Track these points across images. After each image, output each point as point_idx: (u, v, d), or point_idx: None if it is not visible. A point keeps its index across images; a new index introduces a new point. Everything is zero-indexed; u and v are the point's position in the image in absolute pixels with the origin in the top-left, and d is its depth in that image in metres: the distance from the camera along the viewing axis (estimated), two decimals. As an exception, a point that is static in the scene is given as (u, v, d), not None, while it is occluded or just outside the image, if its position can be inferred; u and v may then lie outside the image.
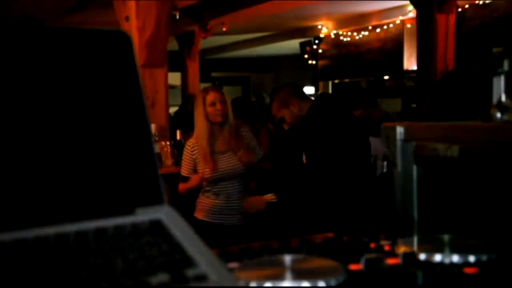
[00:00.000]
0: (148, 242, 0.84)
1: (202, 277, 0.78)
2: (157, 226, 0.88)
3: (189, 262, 0.81)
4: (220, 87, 4.42)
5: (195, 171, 4.17)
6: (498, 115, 1.19)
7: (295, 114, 3.78)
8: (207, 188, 4.21)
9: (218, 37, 13.69)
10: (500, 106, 1.19)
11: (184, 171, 4.24)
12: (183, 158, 4.31)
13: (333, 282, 0.85)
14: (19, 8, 10.29)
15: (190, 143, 4.24)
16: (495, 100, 1.20)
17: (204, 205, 4.23)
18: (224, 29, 12.16)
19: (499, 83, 1.19)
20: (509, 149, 1.13)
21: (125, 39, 1.00)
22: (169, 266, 0.79)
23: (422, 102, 7.15)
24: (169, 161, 5.89)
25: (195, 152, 4.16)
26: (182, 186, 4.23)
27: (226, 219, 4.19)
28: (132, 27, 6.07)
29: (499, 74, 1.19)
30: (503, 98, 1.19)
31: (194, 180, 4.13)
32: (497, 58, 1.19)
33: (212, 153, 4.12)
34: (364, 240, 1.12)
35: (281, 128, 4.14)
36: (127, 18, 6.28)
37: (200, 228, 4.10)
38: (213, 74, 18.01)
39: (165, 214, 0.91)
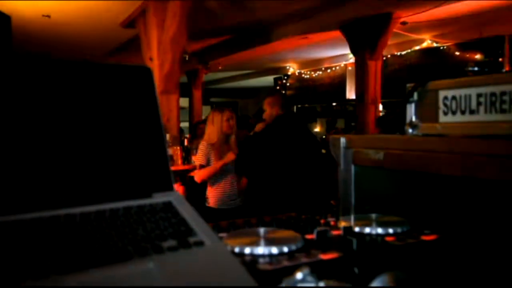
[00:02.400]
0: (161, 217, 0.84)
1: (200, 243, 0.78)
2: (168, 206, 0.88)
3: (190, 232, 0.80)
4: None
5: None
6: (410, 130, 1.20)
7: (272, 116, 3.89)
8: (215, 181, 4.17)
9: (216, 73, 13.71)
10: (411, 124, 1.19)
11: (202, 161, 4.16)
12: (200, 153, 4.23)
13: (293, 247, 0.85)
14: (72, 52, 10.27)
15: (205, 144, 4.20)
16: (408, 120, 1.20)
17: (215, 195, 4.18)
18: (219, 67, 12.19)
19: (411, 108, 1.20)
20: (416, 153, 1.14)
21: (148, 72, 1.00)
22: (176, 234, 0.79)
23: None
24: (179, 161, 5.93)
25: (210, 150, 4.14)
26: (202, 172, 4.18)
27: (232, 204, 4.18)
28: (154, 65, 6.06)
29: (410, 102, 1.20)
30: (413, 119, 1.19)
31: (214, 167, 4.11)
32: (409, 91, 1.20)
33: (219, 153, 4.15)
34: (316, 217, 1.12)
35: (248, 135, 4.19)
36: (150, 59, 6.28)
37: (213, 214, 4.10)
38: (212, 99, 17.99)
39: (174, 197, 0.91)
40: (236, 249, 0.85)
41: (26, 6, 6.83)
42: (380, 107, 8.31)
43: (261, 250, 0.84)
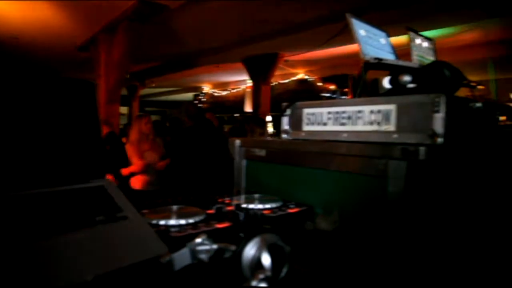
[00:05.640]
0: (96, 197, 0.78)
1: (125, 217, 0.74)
2: (101, 189, 0.82)
3: (117, 209, 0.76)
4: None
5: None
6: (284, 135, 1.23)
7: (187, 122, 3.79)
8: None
9: (150, 89, 13.29)
10: (285, 131, 1.22)
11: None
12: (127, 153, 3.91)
13: (197, 219, 0.84)
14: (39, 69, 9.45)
15: (128, 146, 3.87)
16: (282, 128, 1.23)
17: (139, 180, 3.89)
18: (153, 85, 11.84)
19: (285, 120, 1.23)
20: (288, 151, 1.17)
21: (91, 85, 0.93)
22: (107, 210, 0.74)
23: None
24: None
25: (132, 149, 3.83)
26: (127, 170, 3.83)
27: (151, 188, 3.94)
28: (102, 81, 5.74)
29: (285, 116, 1.22)
30: (287, 127, 1.22)
31: (136, 166, 3.77)
32: (284, 108, 1.22)
33: (142, 151, 3.87)
34: (215, 197, 1.10)
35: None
36: (99, 76, 5.94)
37: (137, 195, 3.84)
38: (146, 109, 17.24)
39: (105, 183, 0.85)
40: (154, 221, 0.82)
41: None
42: (270, 118, 8.52)
43: (172, 221, 0.81)
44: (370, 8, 4.74)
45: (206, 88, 13.92)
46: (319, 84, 9.63)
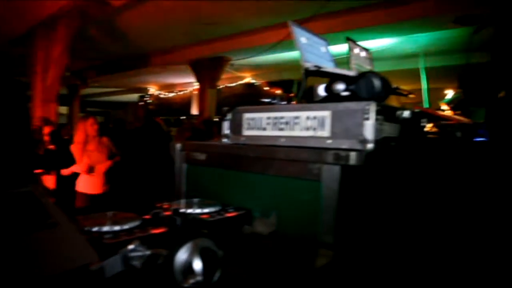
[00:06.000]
0: (24, 204, 0.74)
1: (54, 224, 0.71)
2: (29, 194, 0.78)
3: (47, 215, 0.72)
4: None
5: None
6: (224, 139, 1.23)
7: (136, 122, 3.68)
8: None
9: (93, 88, 12.72)
10: (225, 135, 1.23)
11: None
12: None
13: (133, 225, 0.82)
14: None
15: (73, 147, 3.67)
16: (223, 132, 1.23)
17: (84, 182, 3.69)
18: (96, 84, 11.41)
19: (226, 124, 1.23)
20: (228, 155, 1.18)
21: (21, 83, 0.88)
22: (35, 217, 0.71)
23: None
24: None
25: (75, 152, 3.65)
26: (67, 170, 3.63)
27: (98, 191, 3.74)
28: (38, 79, 5.40)
29: (226, 120, 1.23)
30: (227, 131, 1.23)
31: (78, 166, 3.57)
32: (225, 112, 1.23)
33: (87, 151, 3.68)
34: (153, 202, 1.08)
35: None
36: (35, 73, 5.57)
37: (83, 198, 3.63)
38: (88, 109, 16.42)
39: (35, 188, 0.81)
40: (87, 228, 0.79)
41: None
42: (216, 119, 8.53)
43: (106, 228, 0.79)
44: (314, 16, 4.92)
45: (152, 90, 13.59)
46: (266, 88, 9.79)
